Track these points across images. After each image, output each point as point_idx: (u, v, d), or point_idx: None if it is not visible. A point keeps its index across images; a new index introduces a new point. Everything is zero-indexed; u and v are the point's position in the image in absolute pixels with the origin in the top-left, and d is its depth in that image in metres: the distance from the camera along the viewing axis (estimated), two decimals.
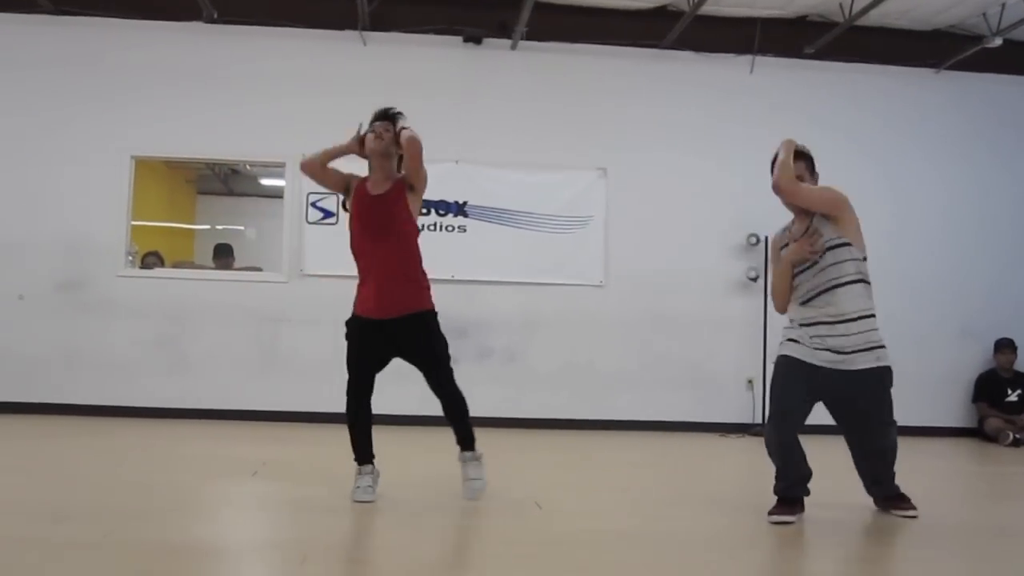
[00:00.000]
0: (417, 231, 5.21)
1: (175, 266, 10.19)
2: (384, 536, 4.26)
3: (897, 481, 4.81)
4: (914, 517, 4.70)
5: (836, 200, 4.87)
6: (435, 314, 5.13)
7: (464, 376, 9.23)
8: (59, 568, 3.34)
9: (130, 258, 9.46)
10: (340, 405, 5.06)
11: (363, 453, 4.98)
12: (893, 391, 4.74)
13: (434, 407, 5.21)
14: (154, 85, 9.34)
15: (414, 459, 6.67)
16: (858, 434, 4.84)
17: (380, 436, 4.98)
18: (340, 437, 5.06)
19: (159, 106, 9.32)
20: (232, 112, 9.40)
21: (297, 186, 9.39)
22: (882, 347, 4.69)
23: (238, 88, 9.42)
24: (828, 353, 4.66)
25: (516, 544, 3.97)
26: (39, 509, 4.42)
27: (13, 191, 9.21)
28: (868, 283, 4.81)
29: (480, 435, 8.65)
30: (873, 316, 4.73)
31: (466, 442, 5.23)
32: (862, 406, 4.74)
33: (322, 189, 9.22)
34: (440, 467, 6.56)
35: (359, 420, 5.01)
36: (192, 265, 11.06)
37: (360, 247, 5.07)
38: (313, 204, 9.33)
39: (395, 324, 4.95)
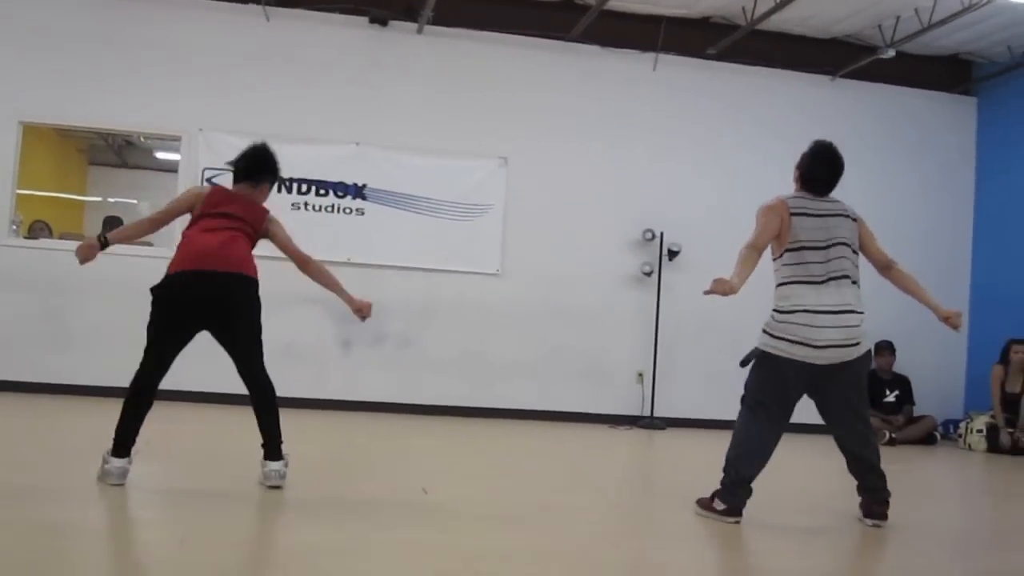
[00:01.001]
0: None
1: (62, 237, 9.89)
2: (266, 519, 4.22)
3: (771, 478, 4.83)
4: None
5: (764, 223, 4.81)
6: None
7: (358, 360, 9.36)
8: None
9: (14, 227, 9.16)
10: (229, 385, 4.96)
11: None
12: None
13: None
14: (46, 49, 9.01)
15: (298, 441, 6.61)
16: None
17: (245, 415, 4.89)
18: (229, 417, 4.99)
19: (51, 71, 9.00)
20: (128, 82, 9.15)
21: (193, 160, 9.20)
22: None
23: (135, 57, 9.15)
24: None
25: (399, 530, 3.97)
26: None
27: None
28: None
29: (371, 420, 8.65)
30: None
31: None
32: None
33: (218, 165, 9.14)
34: (325, 450, 6.53)
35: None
36: (81, 237, 10.73)
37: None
38: (208, 180, 9.12)
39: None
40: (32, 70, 8.98)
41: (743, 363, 4.73)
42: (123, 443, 4.47)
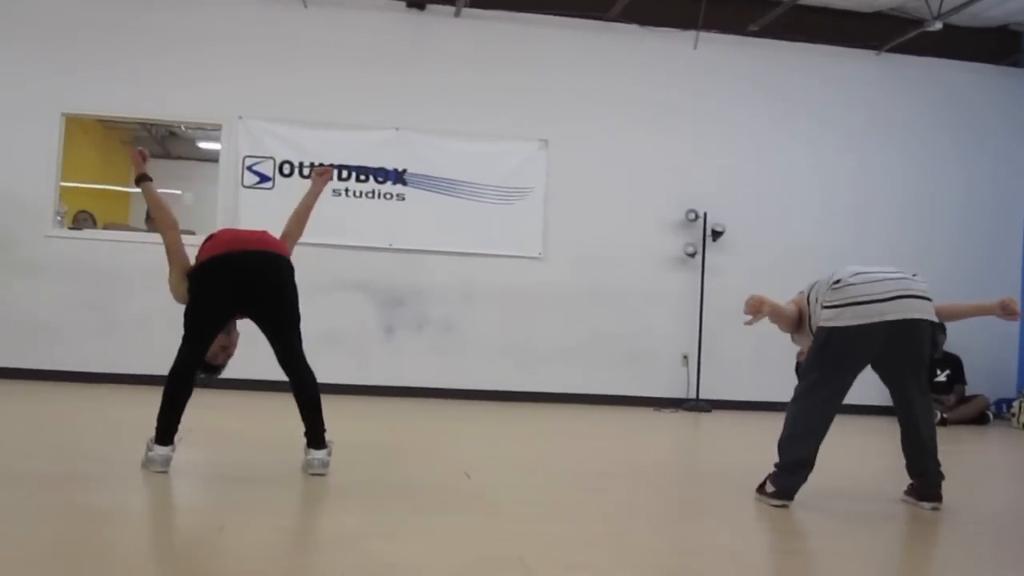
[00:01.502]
0: None
1: (106, 228, 9.96)
2: (307, 505, 4.20)
3: (828, 456, 4.72)
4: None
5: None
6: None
7: (401, 345, 9.34)
8: None
9: (59, 218, 9.23)
10: (268, 372, 4.95)
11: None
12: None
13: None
14: (88, 42, 9.09)
15: (341, 428, 6.61)
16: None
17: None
18: (272, 403, 4.97)
19: (92, 64, 9.07)
20: (169, 72, 9.18)
21: (233, 149, 9.23)
22: None
23: (176, 48, 9.18)
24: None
25: (441, 515, 3.93)
26: None
27: None
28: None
29: (414, 405, 8.64)
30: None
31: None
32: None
33: (259, 153, 9.19)
34: (367, 435, 6.52)
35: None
36: (125, 228, 10.81)
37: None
38: (249, 168, 9.17)
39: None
40: (73, 62, 9.04)
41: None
42: (166, 431, 4.47)
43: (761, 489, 4.53)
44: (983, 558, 3.71)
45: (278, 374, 4.69)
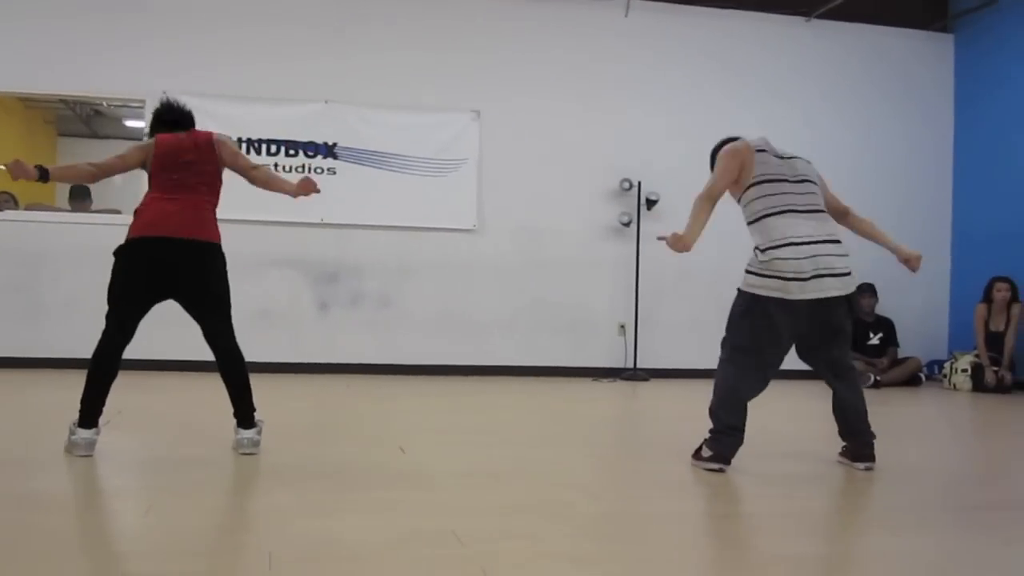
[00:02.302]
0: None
1: (28, 208, 9.69)
2: (237, 485, 4.11)
3: (762, 421, 4.78)
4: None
5: (724, 166, 4.65)
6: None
7: (336, 321, 9.23)
8: None
9: None
10: (200, 353, 4.84)
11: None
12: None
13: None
14: (5, 16, 8.79)
15: (274, 406, 6.51)
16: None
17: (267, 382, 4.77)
18: (201, 384, 4.87)
19: (10, 38, 8.78)
20: (90, 47, 8.92)
21: None
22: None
23: (98, 20, 8.91)
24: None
25: (374, 491, 3.87)
26: None
27: None
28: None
29: (350, 382, 8.54)
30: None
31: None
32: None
33: None
34: (301, 414, 6.44)
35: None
36: (50, 207, 10.53)
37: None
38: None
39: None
40: None
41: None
42: (89, 413, 4.35)
43: (697, 455, 4.54)
44: (910, 513, 3.74)
45: (207, 354, 4.59)
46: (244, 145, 9.02)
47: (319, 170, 9.17)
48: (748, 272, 4.48)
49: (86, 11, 8.91)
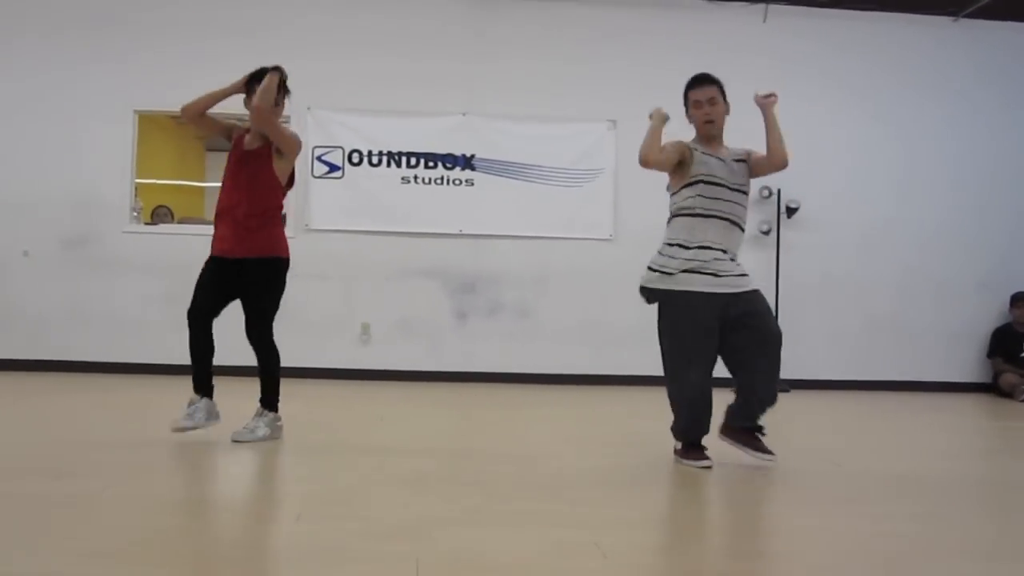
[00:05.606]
0: (282, 191, 5.31)
1: (182, 222, 10.11)
2: (386, 492, 4.20)
3: (912, 436, 4.66)
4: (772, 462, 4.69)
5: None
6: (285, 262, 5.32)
7: (474, 331, 9.34)
8: (55, 521, 3.28)
9: (135, 214, 9.39)
10: (343, 360, 4.98)
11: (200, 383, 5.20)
12: (910, 345, 4.62)
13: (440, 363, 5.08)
14: (157, 37, 9.21)
15: (413, 415, 6.62)
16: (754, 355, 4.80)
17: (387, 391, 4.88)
18: (344, 392, 5.01)
19: (162, 61, 9.17)
20: (235, 66, 9.16)
21: (303, 140, 9.25)
22: None
23: (240, 40, 9.22)
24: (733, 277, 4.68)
25: (516, 502, 3.90)
26: (41, 465, 4.39)
27: (17, 149, 9.15)
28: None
29: (489, 390, 8.62)
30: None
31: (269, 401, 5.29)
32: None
33: (328, 143, 9.24)
34: (441, 422, 6.52)
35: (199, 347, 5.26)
36: (201, 221, 10.96)
37: (226, 192, 5.24)
38: (319, 158, 9.22)
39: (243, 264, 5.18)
40: (144, 59, 9.19)
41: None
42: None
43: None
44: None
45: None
46: (385, 158, 9.23)
47: (457, 182, 9.32)
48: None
49: (228, 31, 9.25)
